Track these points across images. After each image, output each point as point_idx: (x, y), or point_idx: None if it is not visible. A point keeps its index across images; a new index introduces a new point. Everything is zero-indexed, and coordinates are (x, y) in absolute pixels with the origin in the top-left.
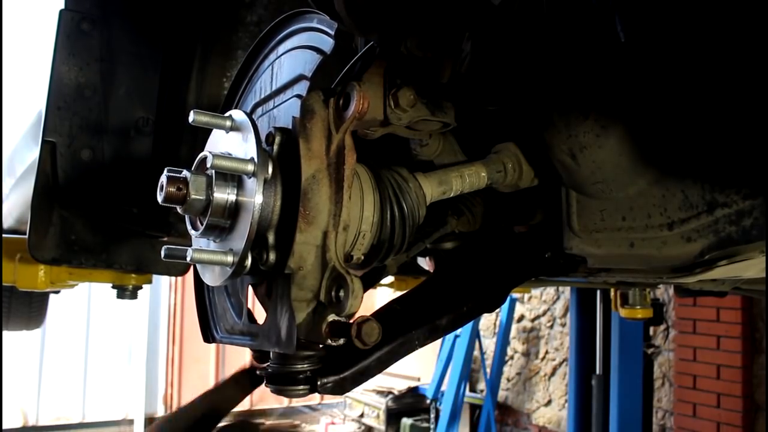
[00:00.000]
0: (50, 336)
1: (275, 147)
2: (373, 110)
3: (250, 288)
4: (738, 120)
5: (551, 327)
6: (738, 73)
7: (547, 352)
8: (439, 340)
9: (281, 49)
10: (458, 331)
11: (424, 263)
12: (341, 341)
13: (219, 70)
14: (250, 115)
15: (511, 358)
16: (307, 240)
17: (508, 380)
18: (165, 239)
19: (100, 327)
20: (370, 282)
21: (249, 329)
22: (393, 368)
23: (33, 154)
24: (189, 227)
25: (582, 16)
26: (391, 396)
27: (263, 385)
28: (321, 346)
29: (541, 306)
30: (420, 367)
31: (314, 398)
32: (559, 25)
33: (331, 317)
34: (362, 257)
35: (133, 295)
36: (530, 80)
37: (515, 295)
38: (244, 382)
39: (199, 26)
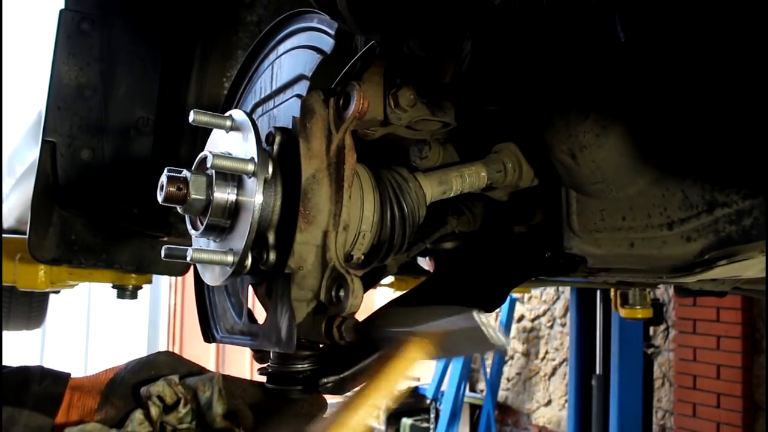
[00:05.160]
0: (50, 336)
1: (275, 147)
2: (373, 110)
3: (250, 288)
4: (738, 120)
5: (551, 327)
6: (738, 73)
7: (547, 352)
8: None
9: (281, 48)
10: None
11: (424, 263)
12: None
13: (219, 70)
14: (250, 114)
15: (511, 358)
16: (307, 240)
17: (508, 380)
18: (165, 239)
19: (100, 327)
20: (370, 282)
21: (249, 329)
22: None
23: (33, 154)
24: (189, 227)
25: (582, 16)
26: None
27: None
28: (321, 345)
29: (541, 306)
30: (420, 367)
31: None
32: (559, 25)
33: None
34: (362, 257)
35: (133, 295)
36: (530, 80)
37: (515, 295)
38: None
39: (199, 26)
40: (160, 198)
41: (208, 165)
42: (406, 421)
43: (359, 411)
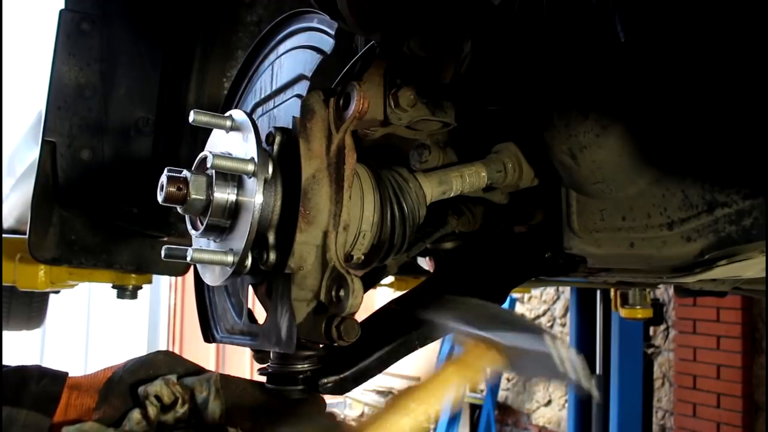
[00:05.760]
0: (50, 336)
1: (275, 147)
2: (373, 110)
3: (250, 288)
4: (737, 120)
5: (551, 327)
6: (738, 73)
7: None
8: (439, 340)
9: (281, 49)
10: None
11: (424, 263)
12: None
13: (219, 70)
14: (250, 114)
15: None
16: (307, 240)
17: (508, 380)
18: (165, 239)
19: (100, 327)
20: (370, 282)
21: (249, 329)
22: (393, 368)
23: (33, 154)
24: (189, 227)
25: (582, 16)
26: (391, 396)
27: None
28: (321, 345)
29: (541, 306)
30: (420, 367)
31: None
32: (559, 25)
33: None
34: (362, 257)
35: (133, 295)
36: (530, 80)
37: (515, 295)
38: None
39: (199, 26)
40: (160, 198)
41: (208, 165)
42: None
43: (410, 413)
